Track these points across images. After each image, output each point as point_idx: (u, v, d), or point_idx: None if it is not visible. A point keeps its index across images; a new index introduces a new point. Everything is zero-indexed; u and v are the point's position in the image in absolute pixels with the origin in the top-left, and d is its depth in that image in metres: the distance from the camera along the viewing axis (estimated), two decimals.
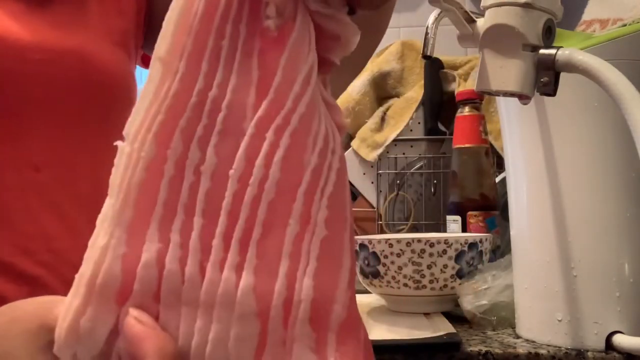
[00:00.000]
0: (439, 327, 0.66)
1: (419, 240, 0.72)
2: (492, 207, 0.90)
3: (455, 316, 0.73)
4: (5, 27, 0.46)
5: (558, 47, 0.50)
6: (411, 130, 1.14)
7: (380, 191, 1.12)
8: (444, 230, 0.96)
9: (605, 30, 0.62)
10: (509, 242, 0.68)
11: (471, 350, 0.59)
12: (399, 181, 1.11)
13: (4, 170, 0.46)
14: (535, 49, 0.50)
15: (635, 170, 0.57)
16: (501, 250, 0.86)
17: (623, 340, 0.56)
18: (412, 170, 1.11)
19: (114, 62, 0.53)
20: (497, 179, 0.94)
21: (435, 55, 0.87)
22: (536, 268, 0.61)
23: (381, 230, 1.11)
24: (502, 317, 0.67)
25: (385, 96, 1.22)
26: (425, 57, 0.64)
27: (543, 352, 0.58)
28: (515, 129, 0.64)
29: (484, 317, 0.67)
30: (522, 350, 0.58)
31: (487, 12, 0.52)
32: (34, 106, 0.47)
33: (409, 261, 0.72)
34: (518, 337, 0.64)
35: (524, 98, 0.53)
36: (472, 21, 0.54)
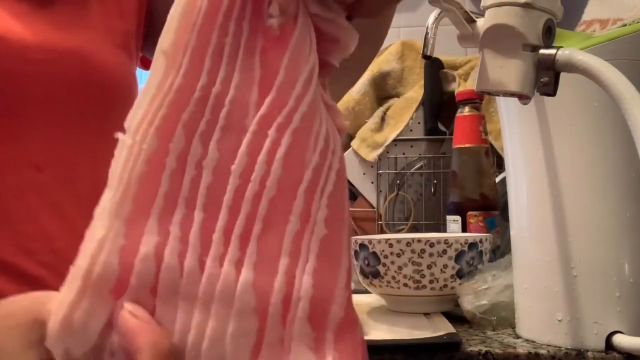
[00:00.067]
0: (439, 327, 0.66)
1: (419, 240, 0.72)
2: (492, 207, 0.90)
3: (455, 316, 0.73)
4: (8, 27, 0.46)
5: (558, 47, 0.50)
6: (411, 130, 1.14)
7: (380, 191, 1.12)
8: (444, 230, 0.96)
9: (605, 30, 0.62)
10: (509, 242, 0.68)
11: (471, 350, 0.59)
12: (399, 181, 1.11)
13: (4, 170, 0.46)
14: (535, 49, 0.51)
15: (635, 170, 0.57)
16: (501, 250, 0.86)
17: (623, 340, 0.56)
18: (412, 170, 1.11)
19: (115, 62, 0.53)
20: (497, 179, 0.94)
21: (435, 55, 0.88)
22: (536, 268, 0.61)
23: (381, 230, 1.11)
24: (502, 317, 0.67)
25: (385, 96, 1.22)
26: (425, 57, 0.64)
27: (543, 352, 0.58)
28: (515, 129, 0.64)
29: (484, 317, 0.67)
30: (522, 350, 0.58)
31: (487, 12, 0.52)
32: (35, 106, 0.47)
33: (409, 261, 0.72)
34: (518, 337, 0.64)
35: (524, 98, 0.53)
36: (472, 21, 0.54)
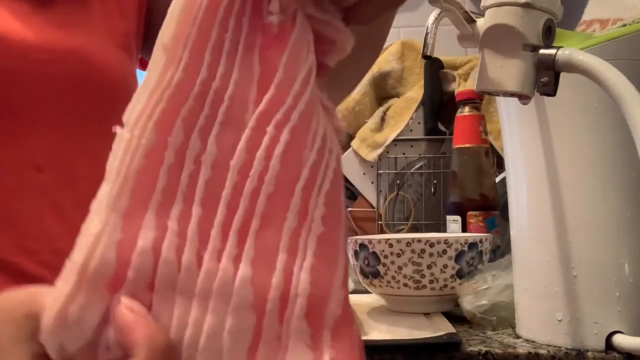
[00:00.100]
0: (439, 327, 0.66)
1: (419, 240, 0.72)
2: (492, 207, 0.90)
3: (455, 316, 0.73)
4: (9, 26, 0.46)
5: (558, 47, 0.50)
6: (411, 130, 1.14)
7: (380, 191, 1.12)
8: (444, 230, 0.96)
9: (605, 30, 0.62)
10: (509, 242, 0.68)
11: (471, 350, 0.59)
12: (399, 181, 1.11)
13: (5, 170, 0.46)
14: (535, 49, 0.51)
15: (635, 170, 0.57)
16: (501, 250, 0.86)
17: (623, 340, 0.56)
18: (412, 170, 1.11)
19: (116, 62, 0.53)
20: (497, 179, 0.94)
21: (435, 55, 0.88)
22: (536, 268, 0.61)
23: (381, 230, 1.11)
24: (502, 317, 0.67)
25: (385, 96, 1.22)
26: (425, 57, 0.64)
27: (543, 352, 0.58)
28: (515, 129, 0.64)
29: (484, 317, 0.67)
30: (522, 350, 0.58)
31: (487, 12, 0.52)
32: (36, 106, 0.47)
33: (409, 261, 0.72)
34: (518, 337, 0.64)
35: (524, 98, 0.53)
36: (472, 21, 0.54)
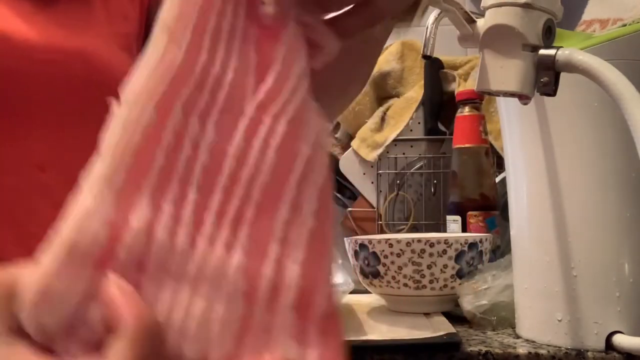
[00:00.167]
0: (439, 327, 0.66)
1: (419, 240, 0.72)
2: (492, 207, 0.90)
3: (455, 316, 0.73)
4: (13, 26, 0.46)
5: (558, 47, 0.50)
6: (411, 130, 1.14)
7: (380, 191, 1.12)
8: (444, 230, 0.96)
9: (605, 30, 0.62)
10: (509, 242, 0.68)
11: (471, 350, 0.59)
12: (399, 181, 1.11)
13: (8, 170, 0.46)
14: (535, 49, 0.50)
15: (635, 170, 0.57)
16: (501, 250, 0.86)
17: (623, 340, 0.56)
18: (412, 170, 1.11)
19: (118, 63, 0.53)
20: (497, 179, 0.94)
21: (435, 55, 0.88)
22: (536, 268, 0.61)
23: (381, 230, 1.11)
24: (502, 317, 0.67)
25: (385, 96, 1.22)
26: (425, 57, 0.64)
27: (543, 352, 0.58)
28: (515, 129, 0.64)
29: (484, 317, 0.67)
30: (522, 350, 0.58)
31: (487, 13, 0.52)
32: (38, 106, 0.47)
33: (409, 261, 0.72)
34: (518, 337, 0.64)
35: (524, 98, 0.53)
36: (472, 21, 0.54)
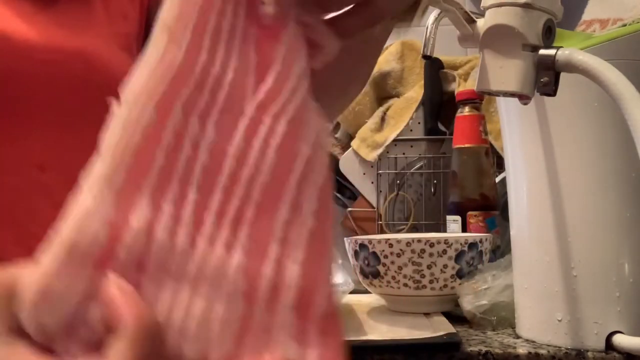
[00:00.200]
0: (439, 327, 0.66)
1: (419, 240, 0.72)
2: (492, 207, 0.90)
3: (455, 316, 0.73)
4: (14, 26, 0.46)
5: (558, 47, 0.50)
6: (411, 130, 1.14)
7: (380, 191, 1.12)
8: (444, 230, 0.96)
9: (605, 30, 0.62)
10: (509, 242, 0.68)
11: (471, 350, 0.59)
12: (399, 181, 1.11)
13: (9, 170, 0.46)
14: (535, 49, 0.50)
15: (635, 170, 0.57)
16: (501, 250, 0.86)
17: (623, 340, 0.56)
18: (412, 170, 1.11)
19: (118, 63, 0.53)
20: (497, 179, 0.94)
21: (435, 55, 0.88)
22: (536, 268, 0.61)
23: (381, 230, 1.11)
24: (502, 317, 0.67)
25: (385, 96, 1.22)
26: (425, 57, 0.64)
27: (543, 352, 0.58)
28: (515, 129, 0.64)
29: (484, 317, 0.67)
30: (522, 350, 0.58)
31: (487, 13, 0.52)
32: (38, 106, 0.47)
33: (409, 261, 0.72)
34: (518, 337, 0.64)
35: (524, 98, 0.53)
36: (472, 21, 0.54)
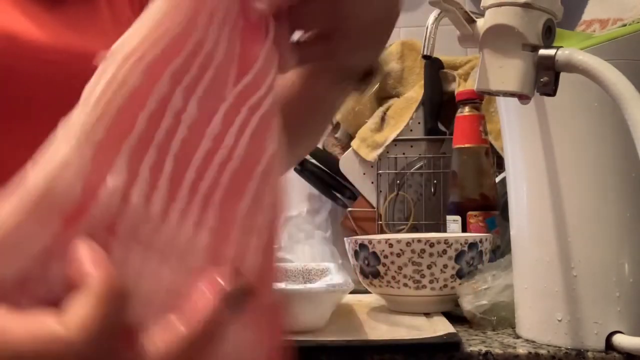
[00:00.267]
0: (439, 327, 0.66)
1: (419, 240, 0.72)
2: (492, 207, 0.90)
3: (455, 316, 0.73)
4: (22, 26, 0.45)
5: (558, 47, 0.50)
6: (411, 130, 1.14)
7: (380, 191, 1.12)
8: (444, 230, 0.96)
9: (605, 30, 0.62)
10: (509, 242, 0.68)
11: (471, 350, 0.59)
12: (399, 181, 1.11)
13: (11, 172, 0.46)
14: (535, 49, 0.51)
15: (635, 170, 0.57)
16: (501, 250, 0.86)
17: (623, 340, 0.56)
18: (412, 170, 1.11)
19: None
20: (497, 179, 0.94)
21: (435, 55, 0.87)
22: (536, 268, 0.61)
23: (381, 230, 1.11)
24: (502, 317, 0.67)
25: (385, 96, 1.22)
26: (425, 57, 0.64)
27: (543, 352, 0.58)
28: (515, 129, 0.64)
29: (484, 317, 0.67)
30: (522, 350, 0.58)
31: (487, 12, 0.52)
32: (42, 107, 0.47)
33: (409, 261, 0.72)
34: (518, 337, 0.64)
35: (524, 98, 0.53)
36: (472, 21, 0.54)
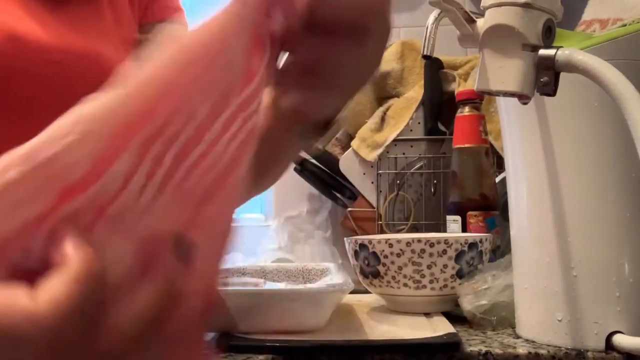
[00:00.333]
0: (439, 327, 0.66)
1: (419, 240, 0.72)
2: (492, 207, 0.90)
3: (455, 316, 0.73)
4: (26, 26, 0.45)
5: (558, 47, 0.50)
6: (411, 130, 1.14)
7: (380, 191, 1.12)
8: (444, 230, 0.96)
9: (605, 30, 0.62)
10: (509, 242, 0.68)
11: (471, 350, 0.59)
12: (399, 181, 1.11)
13: None
14: (535, 49, 0.51)
15: (635, 170, 0.57)
16: (501, 250, 0.86)
17: (623, 340, 0.56)
18: (412, 170, 1.11)
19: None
20: (497, 179, 0.94)
21: (435, 55, 0.87)
22: (536, 268, 0.61)
23: (381, 230, 1.11)
24: (502, 317, 0.67)
25: (385, 96, 1.22)
26: (425, 57, 0.64)
27: (543, 352, 0.58)
28: (515, 129, 0.64)
29: (484, 317, 0.67)
30: (522, 350, 0.58)
31: (487, 12, 0.52)
32: (44, 108, 0.47)
33: (409, 261, 0.72)
34: (518, 337, 0.64)
35: (524, 98, 0.53)
36: (472, 21, 0.54)
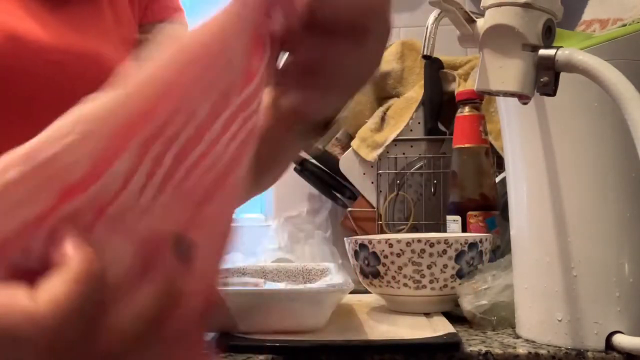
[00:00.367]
0: (439, 327, 0.66)
1: (419, 240, 0.72)
2: (492, 207, 0.90)
3: (455, 316, 0.73)
4: (26, 26, 0.45)
5: (558, 47, 0.50)
6: (411, 130, 1.14)
7: (380, 191, 1.12)
8: (444, 230, 0.96)
9: (605, 30, 0.62)
10: (509, 242, 0.68)
11: (471, 350, 0.59)
12: (399, 181, 1.11)
13: None
14: (535, 49, 0.51)
15: (635, 170, 0.57)
16: (501, 250, 0.86)
17: (623, 340, 0.56)
18: (412, 170, 1.11)
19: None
20: (497, 179, 0.94)
21: (435, 55, 0.87)
22: (536, 268, 0.61)
23: (381, 230, 1.11)
24: (502, 317, 0.67)
25: (385, 96, 1.22)
26: (425, 57, 0.64)
27: (543, 352, 0.58)
28: (515, 129, 0.64)
29: (484, 317, 0.67)
30: (522, 350, 0.58)
31: (487, 12, 0.52)
32: (44, 108, 0.47)
33: (409, 261, 0.72)
34: (518, 337, 0.64)
35: (524, 98, 0.53)
36: (472, 21, 0.54)
